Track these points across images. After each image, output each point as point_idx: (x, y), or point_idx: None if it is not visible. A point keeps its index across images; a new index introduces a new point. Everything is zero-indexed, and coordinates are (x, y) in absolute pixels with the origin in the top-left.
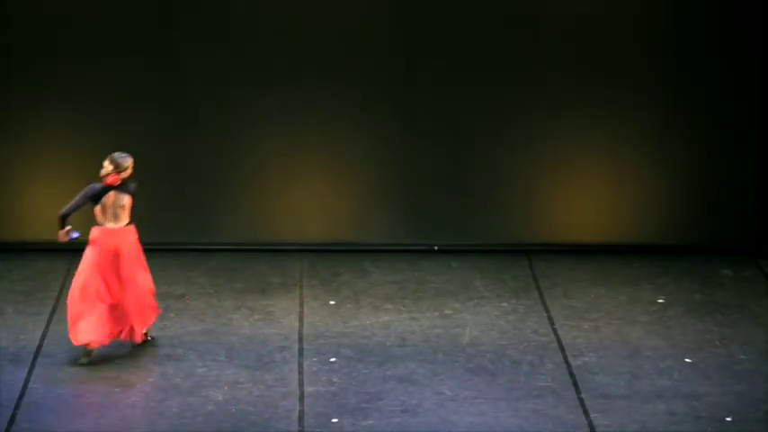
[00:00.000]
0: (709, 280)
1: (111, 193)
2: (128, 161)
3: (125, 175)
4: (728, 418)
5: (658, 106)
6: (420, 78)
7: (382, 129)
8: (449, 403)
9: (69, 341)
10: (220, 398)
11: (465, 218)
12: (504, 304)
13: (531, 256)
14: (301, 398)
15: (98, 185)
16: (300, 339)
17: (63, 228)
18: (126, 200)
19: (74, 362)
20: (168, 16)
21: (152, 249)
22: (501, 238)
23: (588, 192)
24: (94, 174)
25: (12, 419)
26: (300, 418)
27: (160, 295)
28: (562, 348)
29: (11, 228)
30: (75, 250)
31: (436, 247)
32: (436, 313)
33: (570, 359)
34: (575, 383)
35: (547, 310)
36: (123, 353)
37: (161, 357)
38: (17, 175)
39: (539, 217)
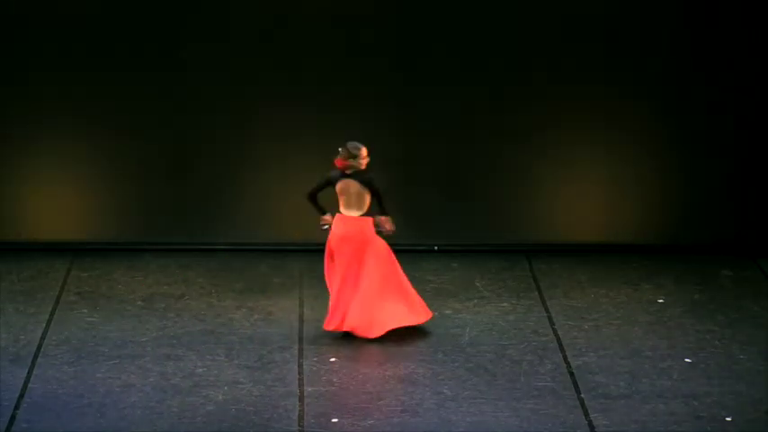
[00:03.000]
0: (709, 280)
1: (344, 180)
2: (358, 149)
3: (353, 162)
4: (728, 418)
5: (658, 106)
6: (420, 78)
7: (382, 129)
8: (449, 403)
9: (72, 341)
10: (220, 398)
11: (465, 218)
12: (505, 304)
13: (531, 256)
14: (301, 398)
15: (336, 171)
16: (300, 339)
17: (319, 209)
18: (355, 188)
19: None
20: (170, 17)
21: (152, 249)
22: (501, 238)
23: (588, 192)
24: (94, 173)
25: (12, 419)
26: (300, 418)
27: (160, 295)
28: (562, 348)
29: (11, 228)
30: (75, 250)
31: (436, 247)
32: (436, 313)
33: (570, 359)
34: (575, 383)
35: (547, 310)
36: (125, 352)
37: (161, 357)
38: (17, 175)
39: (539, 217)
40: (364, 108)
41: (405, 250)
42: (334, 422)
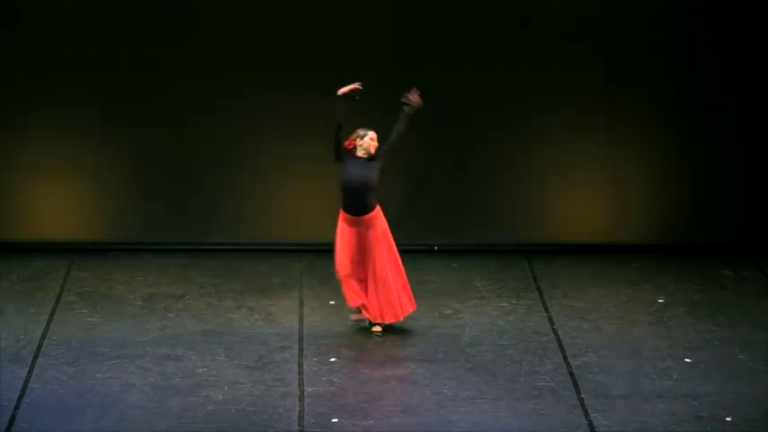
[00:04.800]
0: (709, 280)
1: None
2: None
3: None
4: (728, 418)
5: (658, 106)
6: (420, 79)
7: (382, 129)
8: (449, 403)
9: (72, 341)
10: (220, 398)
11: (465, 218)
12: (504, 304)
13: (531, 256)
14: (301, 398)
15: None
16: (300, 339)
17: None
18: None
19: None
20: (170, 18)
21: (152, 249)
22: (501, 238)
23: (588, 192)
24: (94, 173)
25: (12, 419)
26: (300, 418)
27: (160, 295)
28: (562, 348)
29: (11, 228)
30: (75, 250)
31: (436, 247)
32: (436, 313)
33: (570, 359)
34: (575, 383)
35: (547, 310)
36: (125, 352)
37: (161, 357)
38: (17, 175)
39: (539, 217)
40: (364, 109)
41: (405, 250)
42: (334, 422)
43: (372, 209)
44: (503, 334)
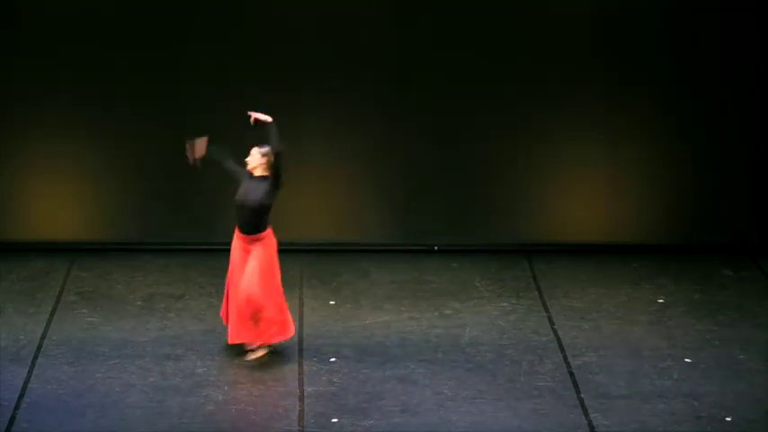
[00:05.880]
0: (709, 280)
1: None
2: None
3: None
4: (728, 418)
5: (658, 106)
6: (420, 79)
7: (382, 129)
8: (449, 403)
9: (72, 341)
10: (220, 398)
11: (465, 218)
12: (504, 304)
13: (531, 256)
14: (301, 398)
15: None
16: (300, 339)
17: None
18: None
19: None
20: (170, 18)
21: (152, 249)
22: (501, 238)
23: (588, 192)
24: (94, 173)
25: (12, 419)
26: (300, 418)
27: (160, 295)
28: (562, 348)
29: (11, 228)
30: (75, 250)
31: (436, 247)
32: (436, 313)
33: (570, 359)
34: (575, 383)
35: (547, 310)
36: (125, 352)
37: (161, 357)
38: (17, 175)
39: (539, 217)
40: (364, 108)
41: (405, 250)
42: (334, 422)
43: (262, 230)
44: (503, 334)
